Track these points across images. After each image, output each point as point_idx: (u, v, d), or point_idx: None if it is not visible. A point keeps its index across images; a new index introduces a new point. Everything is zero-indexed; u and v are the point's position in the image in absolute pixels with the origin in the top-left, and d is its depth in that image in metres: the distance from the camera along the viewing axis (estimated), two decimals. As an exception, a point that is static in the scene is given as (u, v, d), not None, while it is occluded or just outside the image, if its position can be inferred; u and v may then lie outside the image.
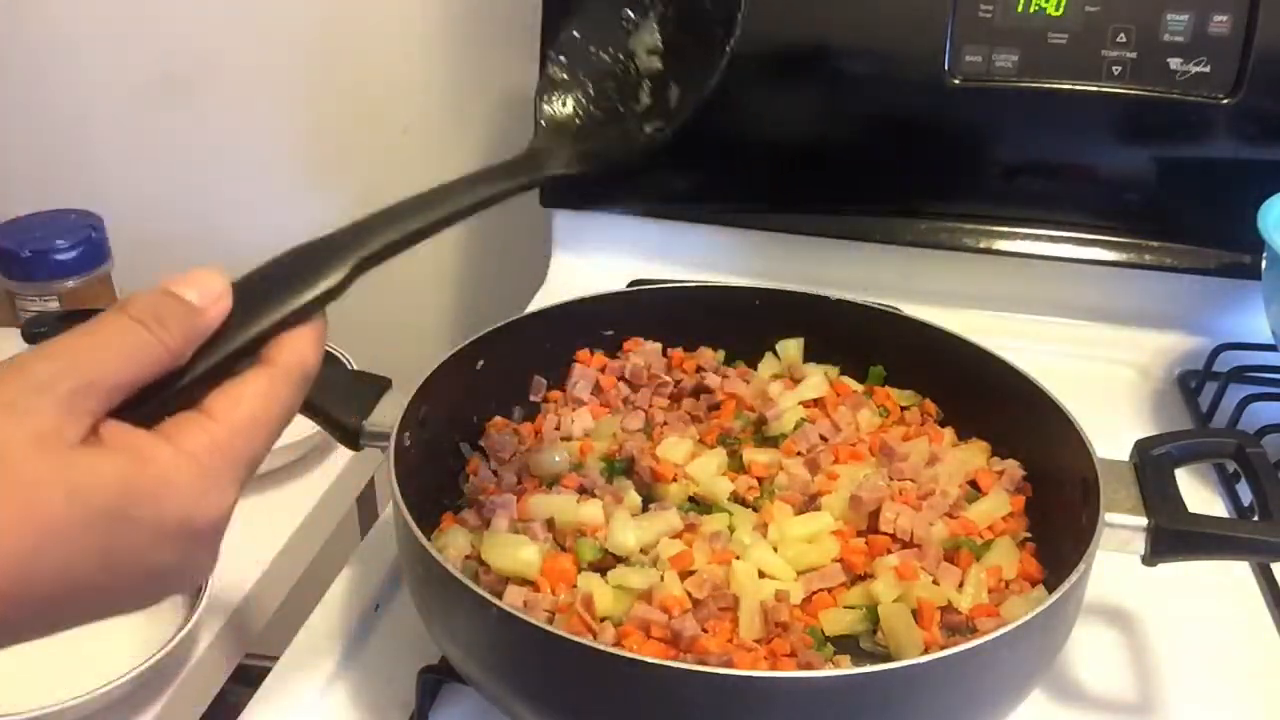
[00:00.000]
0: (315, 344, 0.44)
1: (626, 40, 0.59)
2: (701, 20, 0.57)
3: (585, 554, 0.64)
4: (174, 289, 0.41)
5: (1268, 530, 0.60)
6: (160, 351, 0.40)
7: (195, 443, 0.40)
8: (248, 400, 0.41)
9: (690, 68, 0.58)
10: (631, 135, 0.58)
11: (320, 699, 0.68)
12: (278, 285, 0.44)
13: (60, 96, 1.35)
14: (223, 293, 0.42)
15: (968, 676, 0.54)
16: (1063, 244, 1.02)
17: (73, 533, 0.36)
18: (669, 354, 0.82)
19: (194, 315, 0.41)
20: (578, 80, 0.60)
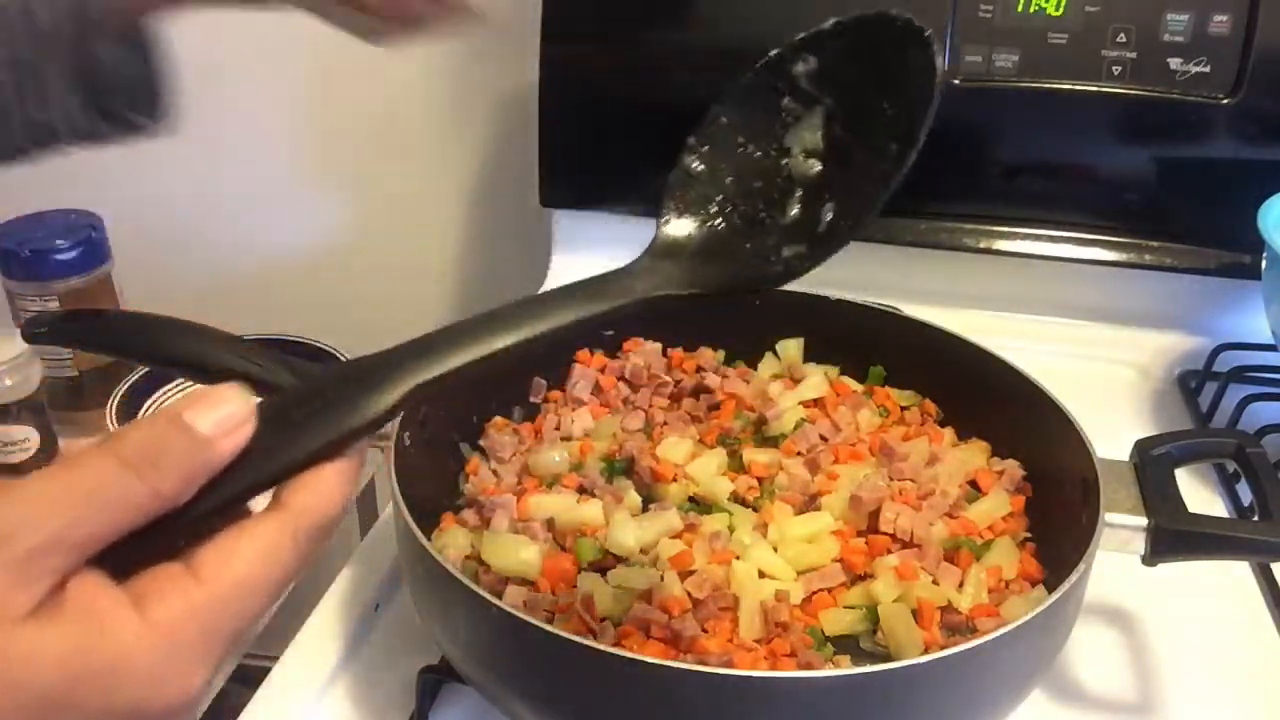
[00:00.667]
0: (342, 487, 0.37)
1: (783, 135, 0.50)
2: (875, 126, 0.48)
3: (585, 554, 0.64)
4: (186, 416, 0.35)
5: (1268, 530, 0.60)
6: (149, 500, 0.34)
7: (168, 612, 0.34)
8: (244, 558, 0.35)
9: (852, 183, 0.49)
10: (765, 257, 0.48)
11: (320, 699, 0.68)
12: (312, 409, 0.38)
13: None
14: (242, 420, 0.36)
15: (968, 676, 0.54)
16: (1063, 244, 1.02)
17: None
18: (669, 354, 0.82)
19: (200, 451, 0.35)
20: (717, 176, 0.51)
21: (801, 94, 0.50)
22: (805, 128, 0.50)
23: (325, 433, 0.37)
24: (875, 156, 0.48)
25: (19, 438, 0.85)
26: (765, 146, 0.50)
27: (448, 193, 1.33)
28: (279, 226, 1.36)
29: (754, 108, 0.51)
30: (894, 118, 0.48)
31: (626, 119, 1.05)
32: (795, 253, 0.48)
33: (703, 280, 0.48)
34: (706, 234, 0.50)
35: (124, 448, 0.34)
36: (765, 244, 0.49)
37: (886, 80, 0.49)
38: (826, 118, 0.50)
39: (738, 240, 0.49)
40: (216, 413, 0.35)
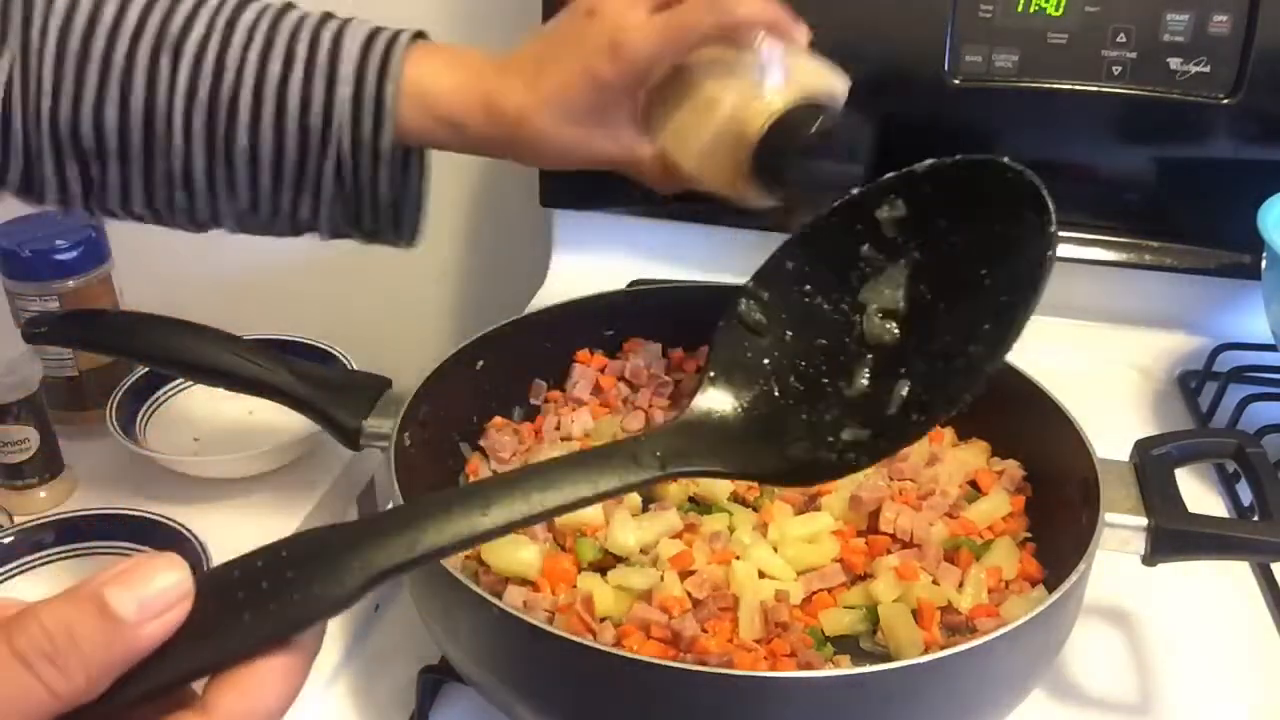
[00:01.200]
0: (284, 687, 0.32)
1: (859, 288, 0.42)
2: (969, 295, 0.38)
3: (585, 554, 0.64)
4: (107, 595, 0.30)
5: (1268, 530, 0.60)
6: (44, 699, 0.29)
7: None
8: None
9: (934, 363, 0.40)
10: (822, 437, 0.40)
11: (320, 699, 0.68)
12: (259, 590, 0.32)
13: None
14: (176, 600, 0.31)
15: (968, 676, 0.54)
16: (1063, 244, 1.02)
17: None
18: (669, 354, 0.82)
19: (114, 642, 0.30)
20: (776, 328, 0.43)
21: (885, 243, 0.43)
22: (885, 283, 0.43)
23: (271, 621, 0.32)
24: (964, 334, 0.39)
25: (19, 438, 0.85)
26: (837, 299, 0.43)
27: (448, 193, 1.33)
28: (279, 226, 1.36)
29: (828, 252, 0.44)
30: (991, 290, 0.40)
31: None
32: (856, 438, 0.40)
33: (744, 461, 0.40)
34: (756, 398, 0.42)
35: (20, 639, 0.29)
36: (823, 419, 0.41)
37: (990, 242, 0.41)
38: (911, 274, 0.42)
39: (792, 412, 0.42)
40: (145, 590, 0.30)
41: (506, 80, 0.63)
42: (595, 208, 1.10)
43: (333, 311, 1.36)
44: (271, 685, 0.32)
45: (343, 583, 0.33)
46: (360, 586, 0.33)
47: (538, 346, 0.79)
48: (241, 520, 0.90)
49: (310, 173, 0.63)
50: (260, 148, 0.62)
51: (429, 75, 0.63)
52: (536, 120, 0.62)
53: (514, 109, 0.62)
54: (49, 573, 0.82)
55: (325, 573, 0.32)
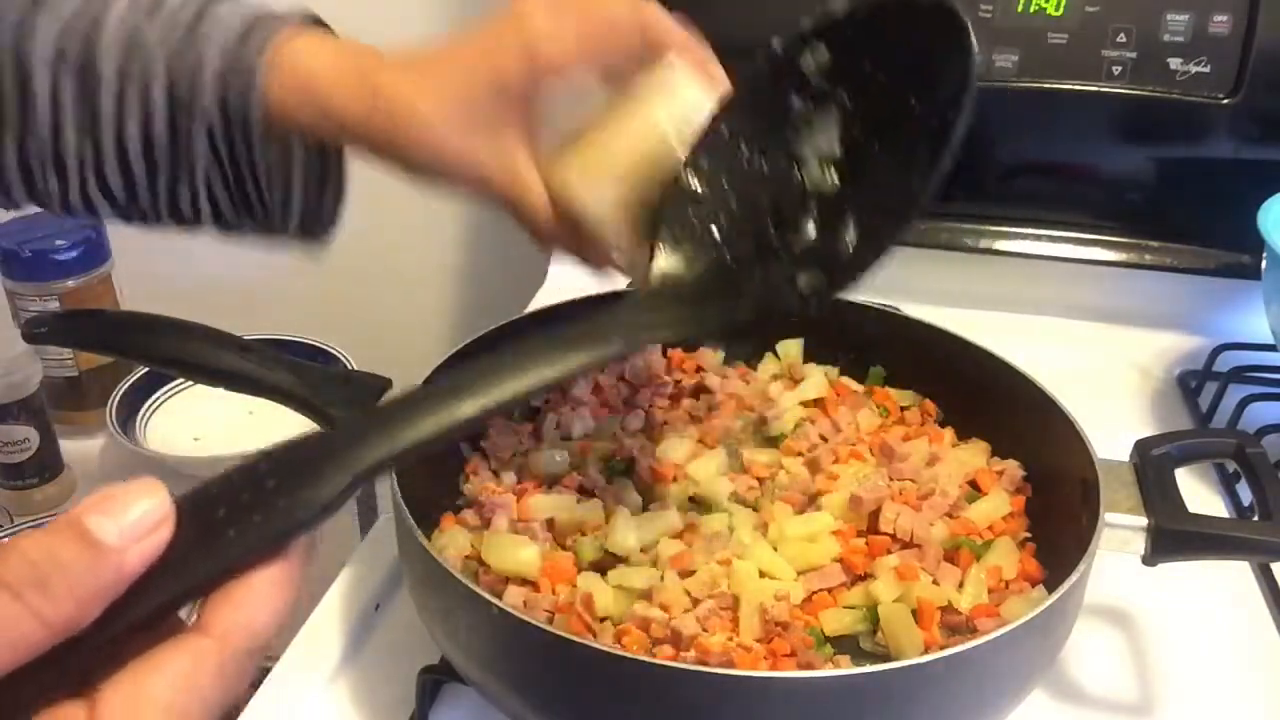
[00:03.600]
0: (275, 598, 0.32)
1: (795, 141, 0.42)
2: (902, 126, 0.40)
3: (585, 554, 0.64)
4: (88, 522, 0.30)
5: (1268, 530, 0.60)
6: (36, 629, 0.29)
7: None
8: (154, 696, 0.30)
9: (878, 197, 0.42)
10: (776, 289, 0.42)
11: (320, 699, 0.68)
12: (241, 505, 0.32)
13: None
14: (157, 523, 0.30)
15: (968, 676, 0.54)
16: (1063, 244, 1.02)
17: None
18: (669, 354, 0.82)
19: (99, 568, 0.29)
20: (720, 195, 0.43)
21: (813, 93, 0.43)
22: (819, 132, 0.43)
23: (253, 536, 0.31)
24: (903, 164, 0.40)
25: (19, 438, 0.85)
26: (774, 157, 0.43)
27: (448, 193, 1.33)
28: (279, 226, 1.36)
29: (759, 111, 0.44)
30: (924, 116, 0.40)
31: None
32: (814, 282, 0.41)
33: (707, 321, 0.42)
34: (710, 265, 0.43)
35: (2, 568, 0.29)
36: (778, 273, 0.42)
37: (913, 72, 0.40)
38: (843, 120, 0.42)
39: (747, 271, 0.42)
40: (126, 517, 0.30)
41: (399, 73, 0.58)
42: (595, 208, 1.10)
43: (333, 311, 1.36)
44: (265, 598, 0.31)
45: (326, 487, 0.32)
46: (344, 489, 0.33)
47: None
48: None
49: (183, 152, 0.58)
50: (127, 119, 0.57)
51: (308, 52, 0.58)
52: (424, 116, 0.56)
53: (403, 102, 0.56)
54: (49, 573, 0.82)
55: (307, 479, 0.32)
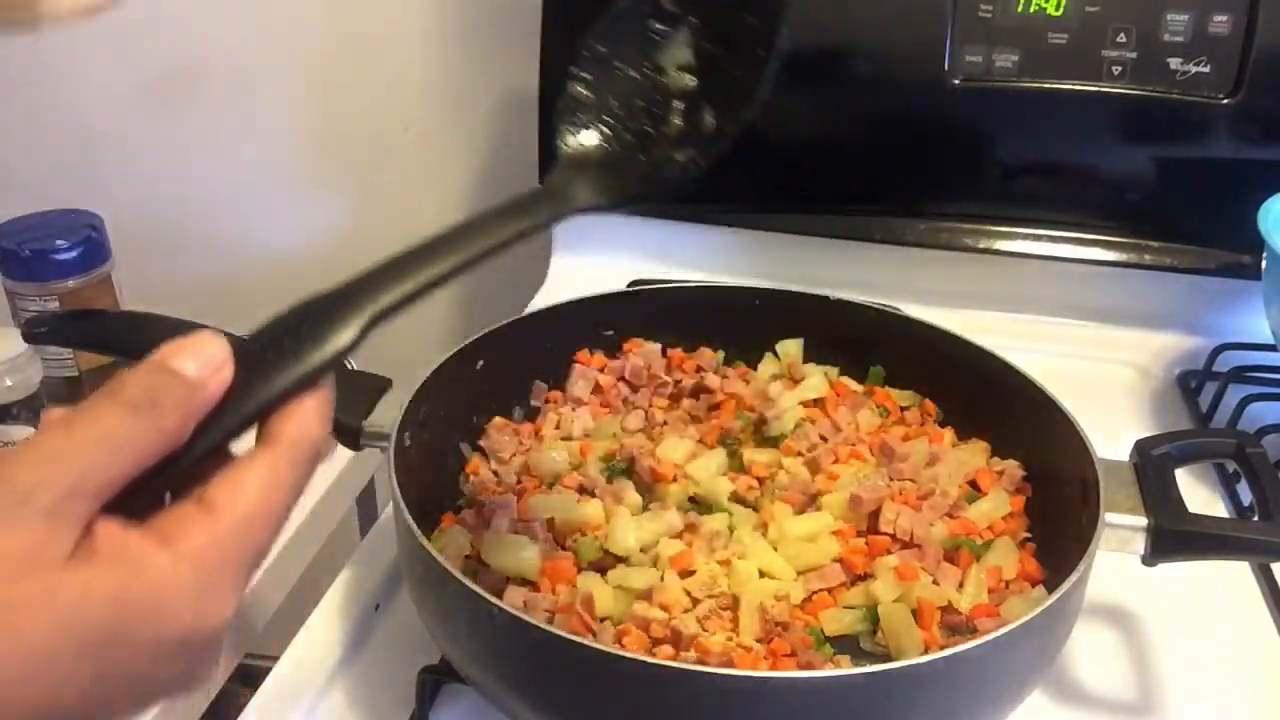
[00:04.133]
0: (322, 415, 0.41)
1: (656, 55, 0.53)
2: (740, 36, 0.52)
3: (585, 554, 0.64)
4: (171, 362, 0.38)
5: (1268, 530, 0.60)
6: (156, 438, 0.36)
7: (195, 544, 0.36)
8: (251, 490, 0.38)
9: (727, 89, 0.52)
10: (661, 164, 0.53)
11: (320, 699, 0.68)
12: (282, 349, 0.40)
13: (61, 96, 1.35)
14: (224, 361, 0.39)
15: (968, 676, 0.54)
16: (1063, 244, 1.02)
17: (63, 660, 0.34)
18: (669, 354, 0.82)
19: (192, 392, 0.38)
20: (602, 100, 0.53)
21: (667, 16, 0.53)
22: (675, 46, 0.53)
23: (297, 369, 0.40)
24: (744, 63, 0.51)
25: (19, 438, 0.85)
26: (640, 68, 0.53)
27: (448, 192, 1.33)
28: (279, 226, 1.36)
29: (623, 34, 0.54)
30: (755, 27, 0.51)
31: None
32: (688, 156, 0.52)
33: (611, 191, 0.52)
34: (603, 151, 0.53)
35: (125, 393, 0.37)
36: (658, 154, 0.53)
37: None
38: (694, 35, 0.53)
39: (633, 154, 0.53)
40: (200, 357, 0.38)
41: None
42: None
43: (333, 311, 1.36)
44: (315, 415, 0.40)
45: (349, 329, 0.41)
46: (364, 328, 0.42)
47: (538, 346, 0.79)
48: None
49: None
50: None
51: None
52: None
53: None
54: (49, 573, 0.82)
55: (333, 322, 0.41)
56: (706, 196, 1.08)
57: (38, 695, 0.34)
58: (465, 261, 0.46)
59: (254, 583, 0.89)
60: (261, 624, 0.86)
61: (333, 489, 0.96)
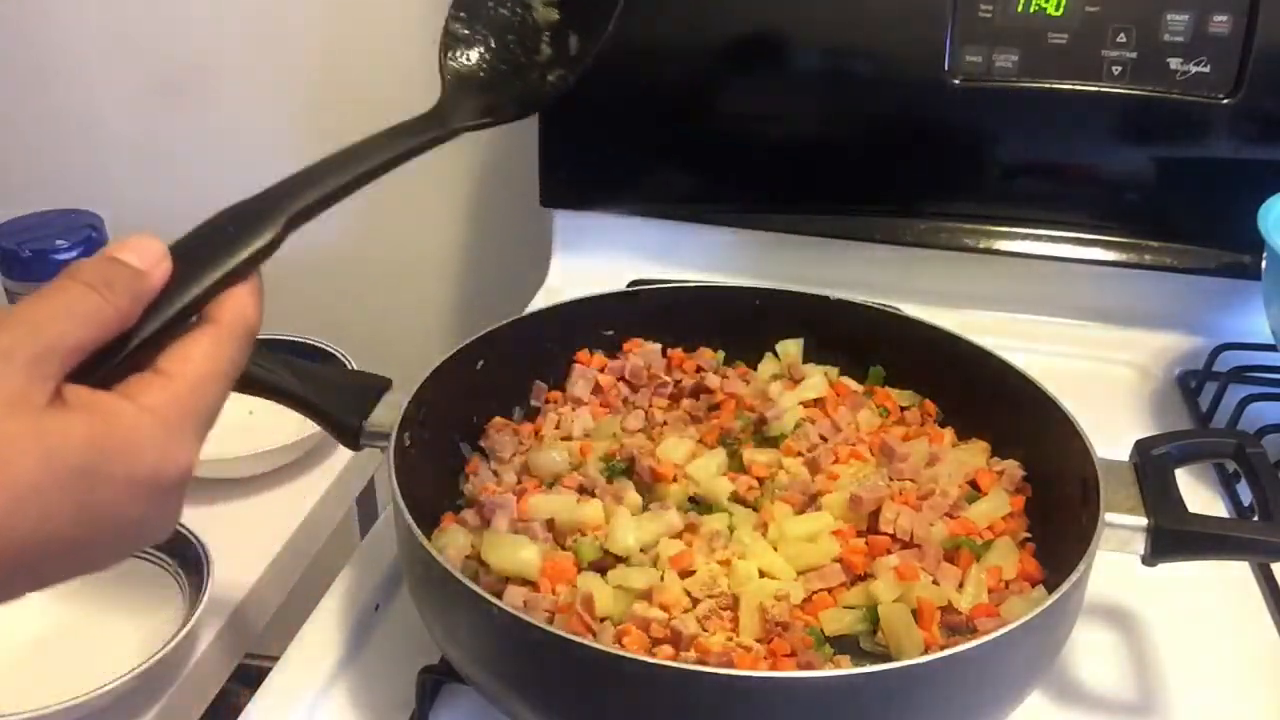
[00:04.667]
0: (254, 300, 0.46)
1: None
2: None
3: (585, 554, 0.64)
4: (118, 255, 0.43)
5: (1268, 530, 0.60)
6: (111, 314, 0.41)
7: (156, 399, 0.41)
8: (198, 357, 0.43)
9: (587, 16, 0.60)
10: (535, 85, 0.60)
11: (320, 699, 0.68)
12: (214, 246, 0.46)
13: (61, 96, 1.35)
14: (163, 256, 0.43)
15: (968, 676, 0.54)
16: (1063, 244, 1.02)
17: (49, 492, 0.38)
18: (669, 354, 0.82)
19: (139, 279, 0.42)
20: (479, 34, 0.61)
21: None
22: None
23: (228, 263, 0.45)
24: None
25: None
26: (511, 6, 0.61)
27: (448, 192, 1.33)
28: (279, 226, 1.36)
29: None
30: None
31: (626, 119, 1.05)
32: (558, 76, 0.60)
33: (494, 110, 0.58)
34: (483, 78, 0.60)
35: (84, 275, 0.41)
36: (532, 77, 0.60)
37: None
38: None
39: (510, 80, 0.60)
40: (142, 252, 0.43)
41: None
42: (595, 208, 1.10)
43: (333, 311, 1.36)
44: (248, 300, 0.45)
45: (269, 228, 0.47)
46: (282, 228, 0.47)
47: (538, 346, 0.79)
48: (241, 520, 0.90)
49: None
50: None
51: None
52: None
53: None
54: (49, 573, 0.81)
55: (257, 223, 0.47)
56: (706, 196, 1.08)
57: (28, 526, 0.37)
58: (367, 172, 0.52)
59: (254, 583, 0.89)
60: (261, 624, 0.86)
61: (333, 489, 0.96)
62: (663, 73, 1.03)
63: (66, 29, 1.31)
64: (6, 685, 0.74)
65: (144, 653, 0.73)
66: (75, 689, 0.69)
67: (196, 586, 0.78)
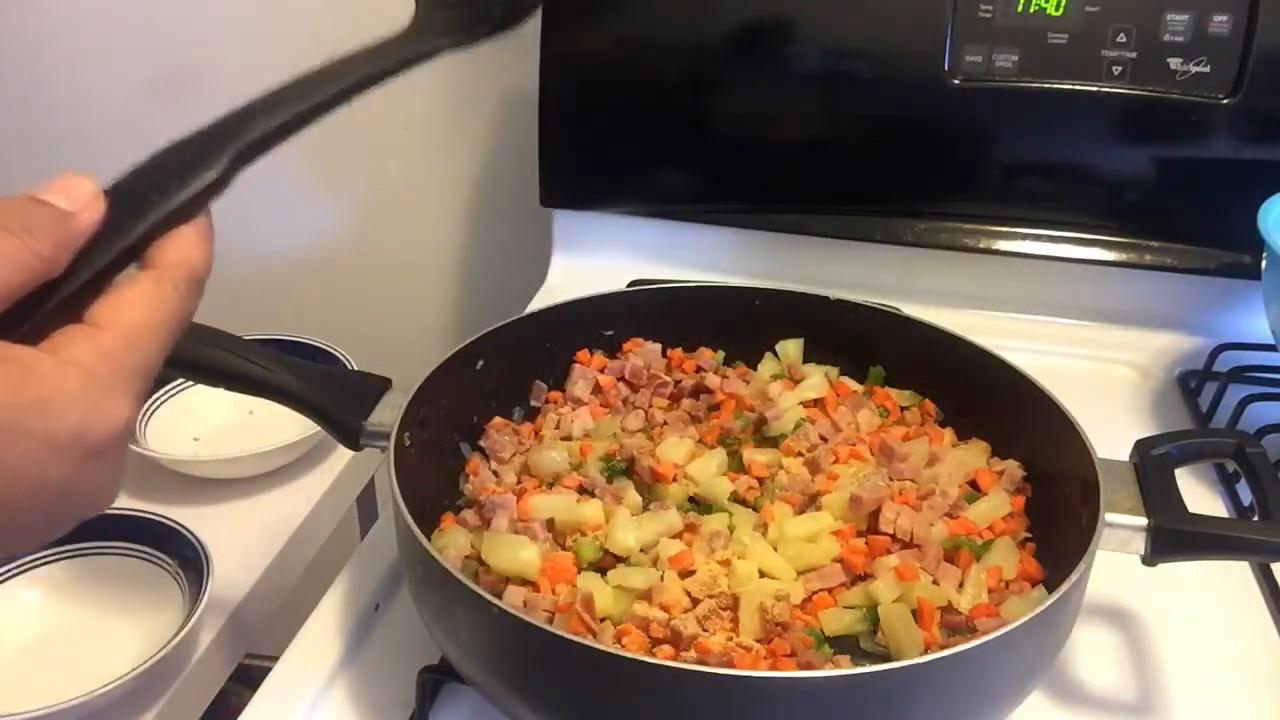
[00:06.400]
0: (200, 242, 0.43)
1: None
2: None
3: (585, 554, 0.64)
4: (43, 195, 0.39)
5: (1268, 530, 0.60)
6: (30, 259, 0.37)
7: (80, 352, 0.38)
8: (132, 305, 0.39)
9: None
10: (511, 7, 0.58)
11: (320, 699, 0.68)
12: (154, 185, 0.42)
13: (62, 96, 1.35)
14: (94, 197, 0.40)
15: (968, 676, 0.54)
16: (1063, 244, 1.02)
17: None
18: (669, 354, 0.82)
19: (65, 221, 0.39)
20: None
21: None
22: None
23: (170, 202, 0.42)
24: None
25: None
26: None
27: (448, 193, 1.33)
28: (279, 226, 1.36)
29: None
30: None
31: (626, 119, 1.05)
32: None
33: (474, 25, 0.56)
34: None
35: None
36: None
37: None
38: None
39: None
40: (69, 192, 0.39)
41: None
42: (595, 208, 1.10)
43: (333, 311, 1.36)
44: (193, 241, 0.42)
45: (216, 164, 0.43)
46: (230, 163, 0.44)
47: (538, 346, 0.79)
48: (241, 520, 0.90)
49: None
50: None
51: None
52: None
53: None
54: (48, 573, 0.82)
55: (202, 159, 0.43)
56: (706, 196, 1.08)
57: None
58: (329, 99, 0.48)
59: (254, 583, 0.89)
60: (261, 624, 0.86)
61: (333, 489, 0.96)
62: (663, 72, 1.03)
63: (64, 28, 1.31)
64: (6, 685, 0.74)
65: (144, 653, 0.73)
66: (75, 689, 0.69)
67: (196, 586, 0.78)
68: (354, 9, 1.25)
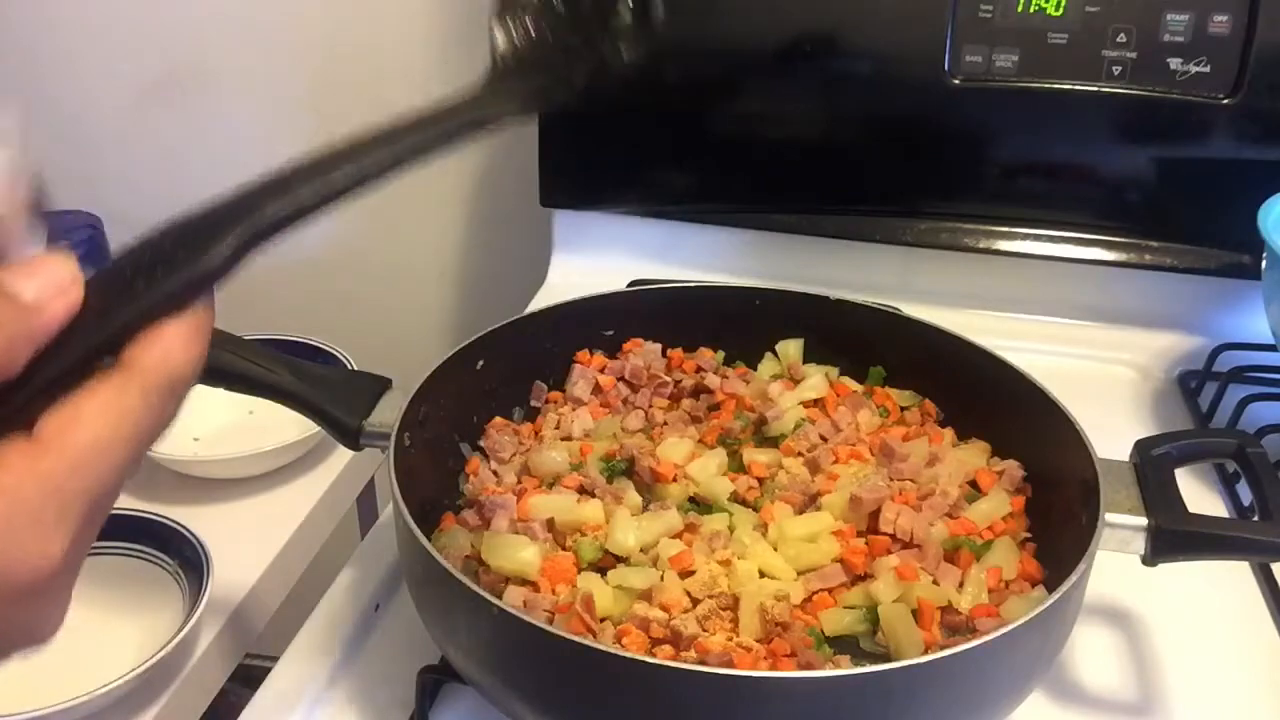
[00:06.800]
0: (186, 342, 0.35)
1: None
2: None
3: (585, 554, 0.64)
4: (6, 283, 0.33)
5: (1268, 530, 0.60)
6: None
7: (11, 478, 0.32)
8: (89, 419, 0.33)
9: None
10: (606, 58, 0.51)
11: (320, 699, 0.68)
12: (144, 266, 0.35)
13: (61, 96, 1.35)
14: (69, 284, 0.34)
15: (968, 676, 0.54)
16: (1063, 244, 1.02)
17: None
18: (669, 354, 0.82)
19: (24, 317, 0.32)
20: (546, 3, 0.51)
21: None
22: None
23: (160, 289, 0.35)
24: None
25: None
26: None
27: (448, 193, 1.33)
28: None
29: None
30: None
31: (626, 119, 1.05)
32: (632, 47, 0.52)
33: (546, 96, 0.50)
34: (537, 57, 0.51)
35: None
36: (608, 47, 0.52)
37: None
38: None
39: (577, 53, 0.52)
40: (41, 279, 0.33)
41: None
42: (595, 208, 1.10)
43: (333, 311, 1.36)
44: (178, 340, 0.34)
45: (221, 246, 0.35)
46: (238, 248, 0.36)
47: (538, 346, 0.79)
48: (241, 520, 0.90)
49: None
50: None
51: None
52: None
53: None
54: (49, 573, 0.81)
55: (205, 241, 0.35)
56: (706, 196, 1.08)
57: None
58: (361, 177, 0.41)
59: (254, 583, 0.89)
60: (261, 624, 0.86)
61: (333, 489, 0.96)
62: (662, 73, 1.03)
63: (66, 29, 1.31)
64: (6, 685, 0.74)
65: (144, 653, 0.73)
66: (75, 689, 0.69)
67: (196, 586, 0.78)
68: (354, 9, 1.25)
